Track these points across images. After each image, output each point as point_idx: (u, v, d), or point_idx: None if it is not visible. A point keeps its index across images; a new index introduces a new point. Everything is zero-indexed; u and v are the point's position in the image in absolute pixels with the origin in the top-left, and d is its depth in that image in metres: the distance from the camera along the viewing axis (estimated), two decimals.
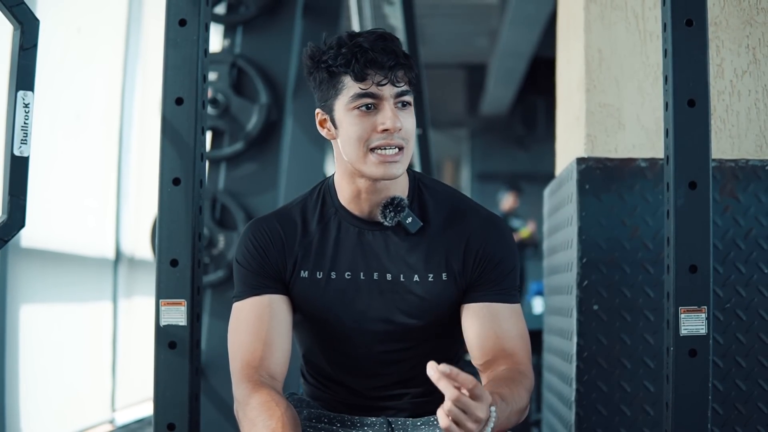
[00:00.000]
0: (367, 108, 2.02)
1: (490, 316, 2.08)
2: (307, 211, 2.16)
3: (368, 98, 2.01)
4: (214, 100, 4.10)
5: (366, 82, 2.00)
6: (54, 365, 4.43)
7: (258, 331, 2.07)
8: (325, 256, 2.12)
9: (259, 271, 2.11)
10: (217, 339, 4.06)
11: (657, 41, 2.74)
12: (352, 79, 2.01)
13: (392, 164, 2.03)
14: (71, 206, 4.70)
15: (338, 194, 2.14)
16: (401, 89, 2.02)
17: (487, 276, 2.10)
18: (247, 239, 2.14)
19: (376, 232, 2.12)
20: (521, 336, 2.09)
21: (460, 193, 2.23)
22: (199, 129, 2.29)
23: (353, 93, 2.02)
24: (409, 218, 2.10)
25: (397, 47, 2.03)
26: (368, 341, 2.13)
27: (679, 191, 2.14)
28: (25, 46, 2.09)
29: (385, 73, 2.00)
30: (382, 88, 2.01)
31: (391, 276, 2.10)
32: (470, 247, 2.11)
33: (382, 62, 1.99)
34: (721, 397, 2.63)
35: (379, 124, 2.01)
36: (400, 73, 2.02)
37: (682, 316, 2.12)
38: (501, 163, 13.12)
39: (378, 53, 1.99)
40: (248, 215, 4.11)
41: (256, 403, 1.97)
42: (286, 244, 2.12)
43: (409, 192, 2.15)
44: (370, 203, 2.10)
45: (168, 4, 2.29)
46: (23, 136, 2.08)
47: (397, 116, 2.01)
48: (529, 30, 8.86)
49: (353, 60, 2.00)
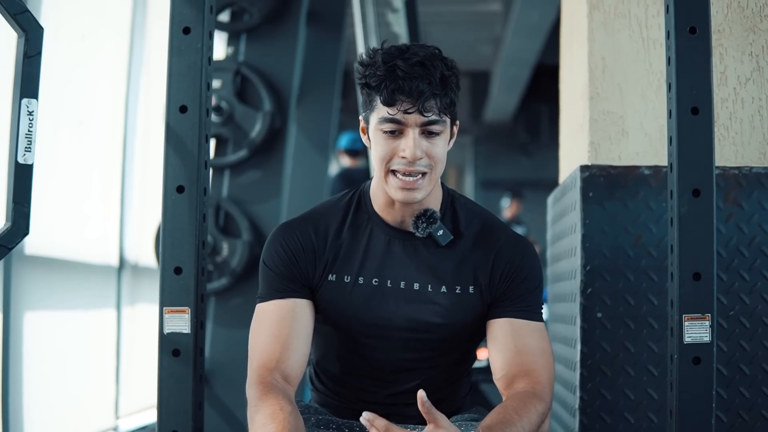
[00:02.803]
0: (391, 132, 2.03)
1: (512, 331, 2.10)
2: (340, 215, 2.17)
3: (393, 123, 2.02)
4: (218, 107, 4.11)
5: (393, 108, 2.00)
6: (58, 372, 4.43)
7: (278, 333, 2.08)
8: (354, 261, 2.13)
9: (287, 276, 2.12)
10: (220, 347, 4.06)
11: (660, 49, 2.74)
12: (381, 102, 2.02)
13: (411, 191, 2.04)
14: (75, 213, 4.70)
15: (372, 201, 2.16)
16: (429, 119, 2.01)
17: (512, 292, 2.12)
18: (277, 243, 2.15)
19: (407, 241, 2.13)
20: (543, 353, 2.10)
21: (490, 212, 2.25)
22: (203, 136, 2.29)
23: (381, 115, 2.03)
24: (440, 231, 2.12)
25: (436, 75, 2.00)
26: (389, 348, 2.14)
27: (683, 199, 2.13)
28: (29, 53, 2.09)
29: (414, 101, 1.99)
30: (408, 116, 2.00)
31: (418, 285, 2.12)
32: (498, 263, 2.13)
33: (411, 90, 1.98)
34: (725, 405, 2.62)
35: (400, 150, 2.02)
36: (431, 102, 2.00)
37: (685, 323, 2.12)
38: (504, 171, 13.12)
39: (411, 80, 1.98)
40: (252, 223, 4.11)
41: (264, 407, 1.98)
42: (317, 249, 2.14)
43: (442, 205, 2.17)
44: (402, 213, 2.12)
45: (172, 12, 2.29)
46: (27, 144, 2.09)
47: (419, 145, 2.01)
48: (532, 38, 8.86)
49: (384, 84, 2.00)
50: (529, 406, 2.00)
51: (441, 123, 2.03)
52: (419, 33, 5.66)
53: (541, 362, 2.09)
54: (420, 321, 2.11)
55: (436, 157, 2.04)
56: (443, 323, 2.11)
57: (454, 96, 2.05)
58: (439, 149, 2.05)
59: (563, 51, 3.38)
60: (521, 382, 2.06)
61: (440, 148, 2.05)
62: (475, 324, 2.14)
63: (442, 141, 2.05)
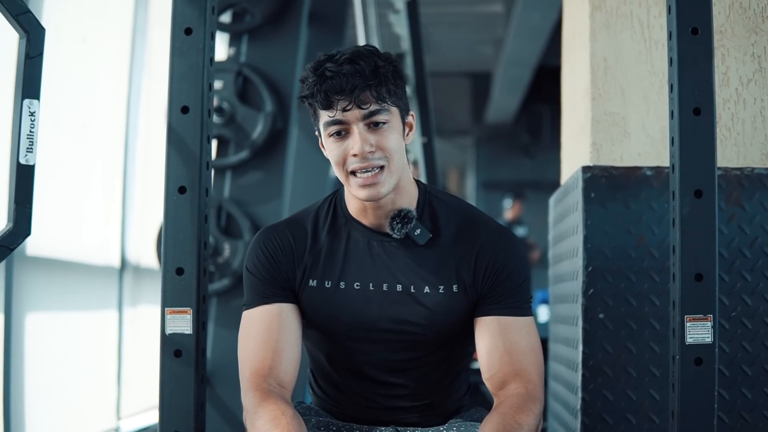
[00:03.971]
0: (338, 135, 2.03)
1: (500, 330, 2.08)
2: (319, 220, 2.16)
3: (336, 125, 2.02)
4: (219, 108, 4.11)
5: (332, 109, 2.01)
6: (59, 373, 4.43)
7: (267, 339, 2.07)
8: (334, 266, 2.12)
9: (269, 280, 2.11)
10: (222, 347, 4.06)
11: (662, 50, 2.74)
12: (320, 107, 2.02)
13: (372, 186, 2.02)
14: (77, 214, 4.71)
15: (347, 205, 2.14)
16: (368, 110, 2.00)
17: (498, 289, 2.10)
18: (257, 248, 2.14)
19: (386, 243, 2.12)
20: (532, 350, 2.09)
21: (470, 206, 2.22)
22: (205, 137, 2.29)
23: (324, 121, 2.04)
24: (417, 230, 2.10)
25: (367, 68, 1.99)
26: (376, 351, 2.13)
27: (685, 199, 2.13)
28: (30, 54, 2.09)
29: (348, 97, 1.99)
30: (347, 113, 2.00)
31: (401, 287, 2.10)
32: (481, 259, 2.11)
33: (343, 87, 1.98)
34: (727, 406, 2.62)
35: (350, 149, 2.02)
36: (366, 94, 1.99)
37: (687, 324, 2.11)
38: (506, 172, 13.10)
39: (339, 78, 1.98)
40: (253, 223, 4.11)
41: (264, 413, 1.97)
42: (296, 253, 2.13)
43: (419, 204, 2.14)
44: (377, 215, 2.11)
45: (174, 13, 2.29)
46: (29, 145, 2.09)
47: (366, 140, 2.00)
48: (534, 39, 8.85)
49: (316, 89, 2.01)
50: (526, 410, 2.00)
51: (384, 112, 2.02)
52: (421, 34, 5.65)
53: (530, 359, 2.07)
54: (405, 322, 2.10)
55: (389, 149, 2.02)
56: (428, 323, 2.09)
57: (393, 86, 2.03)
58: (389, 140, 2.03)
59: (565, 52, 3.38)
60: (512, 383, 2.05)
61: (391, 139, 2.03)
62: (461, 322, 2.12)
63: (391, 131, 2.03)
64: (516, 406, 2.00)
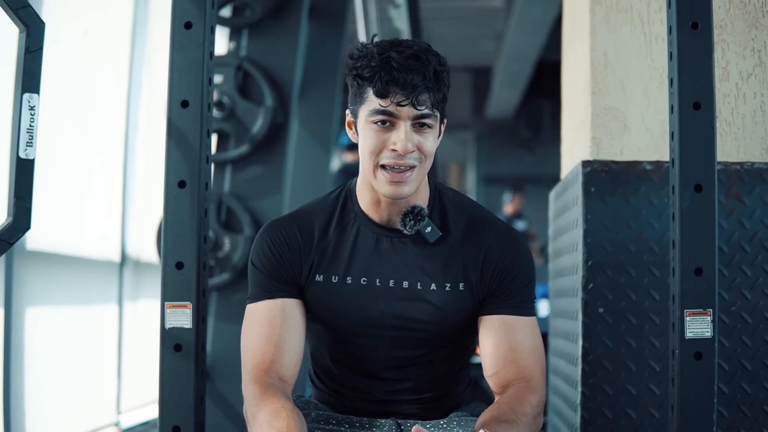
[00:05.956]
0: (382, 124, 2.01)
1: (504, 328, 2.09)
2: (326, 214, 2.15)
3: (385, 115, 2.00)
4: (219, 102, 4.11)
5: (386, 99, 1.99)
6: (59, 367, 4.44)
7: (270, 334, 2.07)
8: (341, 261, 2.12)
9: (274, 275, 2.11)
10: (222, 342, 4.07)
11: (662, 44, 2.74)
12: (374, 93, 2.00)
13: (400, 184, 2.02)
14: (77, 209, 4.71)
15: (359, 199, 2.14)
16: (421, 112, 1.99)
17: (504, 289, 2.11)
18: (263, 242, 2.14)
19: (395, 239, 2.12)
20: (535, 349, 2.10)
21: (479, 205, 2.23)
22: (205, 132, 2.29)
23: (373, 107, 2.01)
24: (428, 228, 2.10)
25: (429, 68, 1.99)
26: (381, 347, 2.13)
27: (685, 194, 2.13)
28: (30, 48, 2.09)
29: (407, 94, 1.97)
30: (401, 108, 1.99)
31: (407, 284, 2.10)
32: (489, 259, 2.12)
33: (405, 83, 1.97)
34: (726, 400, 2.62)
35: (391, 143, 2.00)
36: (424, 96, 1.99)
37: (687, 318, 2.12)
38: (506, 166, 13.12)
39: (404, 73, 1.97)
40: (254, 218, 4.11)
41: (264, 405, 1.97)
42: (303, 248, 2.12)
43: (430, 201, 2.15)
44: (389, 211, 2.11)
45: (174, 7, 2.29)
46: (29, 139, 2.09)
47: (411, 138, 2.00)
48: (534, 33, 8.85)
49: (378, 75, 1.98)
50: (522, 400, 2.02)
51: (432, 117, 2.01)
52: (421, 28, 5.65)
53: (533, 358, 2.09)
54: (410, 319, 2.10)
55: (427, 152, 2.03)
56: (433, 320, 2.10)
57: (446, 92, 2.04)
58: (429, 144, 2.03)
59: (565, 46, 3.38)
60: (515, 380, 2.07)
61: (431, 142, 2.04)
62: (466, 320, 2.13)
63: (432, 136, 2.04)
64: (513, 396, 2.02)
